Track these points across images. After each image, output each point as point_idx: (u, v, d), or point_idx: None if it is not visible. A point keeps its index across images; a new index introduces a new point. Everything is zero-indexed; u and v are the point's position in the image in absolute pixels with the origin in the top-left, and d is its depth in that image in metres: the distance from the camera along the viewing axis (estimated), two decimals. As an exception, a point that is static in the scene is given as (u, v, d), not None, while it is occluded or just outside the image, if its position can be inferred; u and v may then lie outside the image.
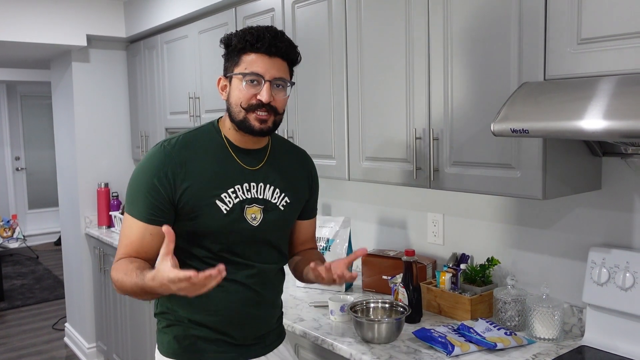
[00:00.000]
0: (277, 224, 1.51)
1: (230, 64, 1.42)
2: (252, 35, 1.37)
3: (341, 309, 1.87)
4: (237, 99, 1.40)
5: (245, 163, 1.47)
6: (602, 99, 1.21)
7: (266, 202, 1.47)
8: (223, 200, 1.42)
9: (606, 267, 1.61)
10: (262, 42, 1.37)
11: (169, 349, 1.50)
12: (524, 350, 1.61)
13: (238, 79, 1.39)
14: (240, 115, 1.40)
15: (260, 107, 1.38)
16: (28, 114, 7.85)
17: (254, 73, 1.37)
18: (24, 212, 7.83)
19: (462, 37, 1.62)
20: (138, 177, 1.42)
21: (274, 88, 1.39)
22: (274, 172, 1.51)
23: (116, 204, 3.75)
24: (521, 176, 1.50)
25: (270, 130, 1.43)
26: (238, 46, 1.39)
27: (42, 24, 3.35)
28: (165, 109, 3.36)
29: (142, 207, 1.39)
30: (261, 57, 1.38)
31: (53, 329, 4.54)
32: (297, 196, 1.55)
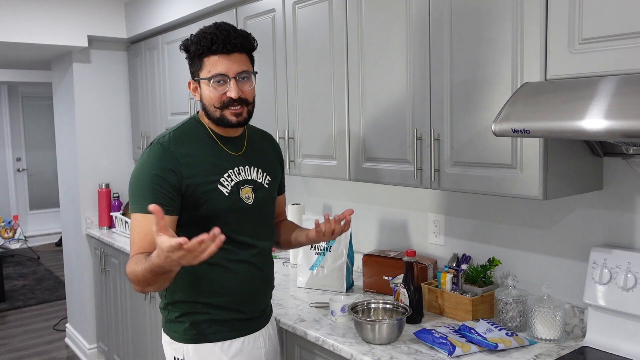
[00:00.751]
0: (266, 200, 1.68)
1: (195, 69, 1.55)
2: (206, 40, 1.48)
3: (342, 309, 1.87)
4: (209, 99, 1.53)
5: (231, 150, 1.63)
6: (603, 98, 1.21)
7: (254, 182, 1.64)
8: (223, 185, 1.57)
9: (608, 268, 1.60)
10: (217, 43, 1.48)
11: (186, 335, 1.60)
12: (525, 351, 1.61)
13: (205, 82, 1.52)
14: (216, 113, 1.54)
15: (232, 102, 1.52)
16: (29, 115, 7.86)
17: (218, 74, 1.50)
18: (25, 213, 7.83)
19: (462, 37, 1.62)
20: (141, 174, 1.50)
21: (239, 81, 1.52)
22: (254, 155, 1.68)
23: (117, 205, 3.75)
24: (522, 176, 1.50)
25: (246, 120, 1.58)
26: (197, 52, 1.51)
27: (43, 25, 3.35)
28: (166, 109, 3.36)
29: (149, 200, 1.43)
30: (220, 57, 1.50)
31: (54, 330, 4.54)
32: (274, 174, 1.73)
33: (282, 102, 2.36)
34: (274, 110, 2.40)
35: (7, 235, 6.85)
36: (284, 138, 2.34)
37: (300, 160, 2.29)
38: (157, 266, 1.30)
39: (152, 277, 1.35)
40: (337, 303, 1.89)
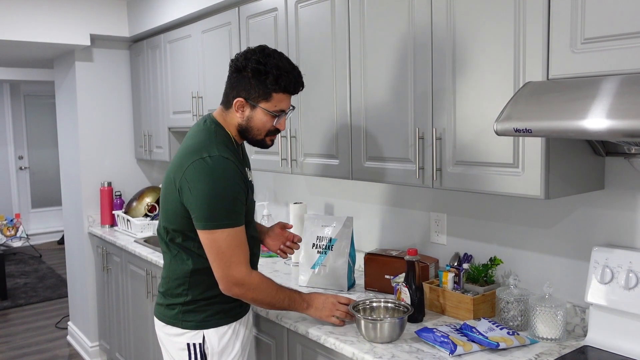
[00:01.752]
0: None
1: (257, 95, 1.67)
2: (288, 81, 1.66)
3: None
4: (261, 126, 1.72)
5: (242, 154, 1.85)
6: (606, 98, 1.21)
7: (251, 181, 1.84)
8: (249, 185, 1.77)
9: (609, 267, 1.61)
10: (295, 86, 1.69)
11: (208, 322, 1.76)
12: (526, 350, 1.61)
13: (264, 112, 1.69)
14: (259, 137, 1.75)
15: (277, 132, 1.76)
16: (31, 113, 7.87)
17: (282, 111, 1.71)
18: (27, 211, 7.85)
19: (463, 38, 1.62)
20: (223, 188, 1.60)
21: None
22: (245, 158, 1.88)
23: (119, 203, 3.76)
24: (524, 176, 1.50)
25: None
26: (272, 87, 1.65)
27: (46, 24, 3.36)
28: (168, 108, 3.36)
29: (239, 213, 1.65)
30: (288, 96, 1.71)
31: (56, 328, 4.55)
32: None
33: (284, 101, 2.36)
34: (276, 109, 2.41)
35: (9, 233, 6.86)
36: (286, 137, 2.35)
37: (302, 159, 2.30)
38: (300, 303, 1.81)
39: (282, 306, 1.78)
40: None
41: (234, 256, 1.63)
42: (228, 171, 1.62)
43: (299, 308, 1.80)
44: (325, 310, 1.80)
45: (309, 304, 1.81)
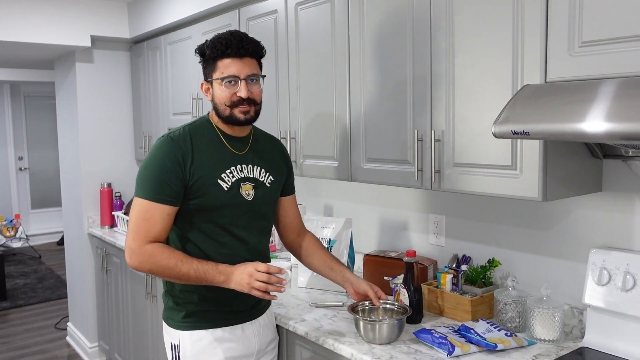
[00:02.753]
0: (266, 198, 1.78)
1: (209, 70, 1.68)
2: (221, 44, 1.63)
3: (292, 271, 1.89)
4: (221, 99, 1.66)
5: (235, 149, 1.74)
6: (604, 101, 1.22)
7: (256, 180, 1.75)
8: (223, 180, 1.68)
9: (607, 269, 1.61)
10: (231, 48, 1.63)
11: (183, 323, 1.73)
12: (524, 352, 1.62)
13: (218, 82, 1.66)
14: (226, 112, 1.67)
15: (241, 102, 1.65)
16: (31, 114, 7.88)
17: (231, 75, 1.64)
18: (27, 211, 7.85)
19: (462, 40, 1.63)
20: (151, 163, 1.64)
21: (249, 83, 1.66)
22: (257, 155, 1.79)
23: (119, 204, 3.76)
24: (522, 178, 1.51)
25: (252, 119, 1.70)
26: (212, 55, 1.65)
27: (47, 25, 3.37)
28: (168, 109, 3.37)
29: (159, 190, 1.61)
30: (233, 60, 1.64)
31: (55, 329, 4.55)
32: (278, 175, 1.83)
33: (284, 103, 2.37)
34: (275, 111, 2.42)
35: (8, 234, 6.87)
36: (285, 139, 2.35)
37: (301, 161, 2.30)
38: (215, 276, 1.61)
39: (191, 279, 1.61)
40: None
41: (137, 227, 1.60)
42: (162, 148, 1.64)
43: (214, 281, 1.60)
44: (243, 282, 1.57)
45: (227, 277, 1.59)
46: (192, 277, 1.60)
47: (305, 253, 1.93)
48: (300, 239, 1.95)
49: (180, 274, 1.60)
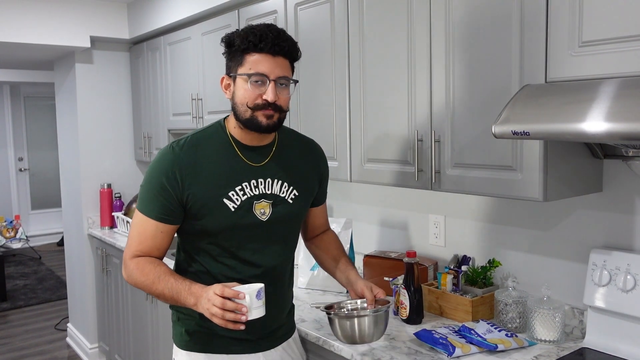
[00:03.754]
0: (287, 217, 1.55)
1: (234, 64, 1.45)
2: (255, 36, 1.40)
3: (258, 295, 1.37)
4: (242, 98, 1.43)
5: (251, 160, 1.51)
6: (604, 101, 1.21)
7: (275, 197, 1.53)
8: (231, 199, 1.47)
9: (607, 269, 1.61)
10: (266, 42, 1.39)
11: (182, 340, 1.59)
12: (524, 352, 1.62)
13: (243, 79, 1.42)
14: (246, 114, 1.44)
15: (266, 106, 1.42)
16: (31, 115, 7.88)
17: (259, 73, 1.41)
18: (27, 212, 7.85)
19: (463, 40, 1.63)
20: (149, 177, 1.48)
21: (278, 87, 1.43)
22: (280, 166, 1.54)
23: (119, 205, 3.76)
24: (522, 178, 1.51)
25: (276, 126, 1.47)
26: (241, 46, 1.41)
27: (46, 26, 3.37)
28: (168, 110, 3.37)
29: (153, 206, 1.46)
30: (265, 57, 1.41)
31: (55, 329, 4.55)
32: (305, 188, 1.59)
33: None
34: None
35: (8, 234, 6.86)
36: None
37: (301, 161, 2.30)
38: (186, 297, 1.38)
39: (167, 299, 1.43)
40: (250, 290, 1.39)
41: (130, 239, 1.50)
42: (161, 161, 1.47)
43: (186, 303, 1.40)
44: (204, 308, 1.34)
45: (196, 300, 1.37)
46: (168, 296, 1.41)
47: (318, 252, 1.76)
48: (318, 237, 1.77)
49: (157, 293, 1.43)
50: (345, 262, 1.70)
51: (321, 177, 1.67)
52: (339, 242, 1.78)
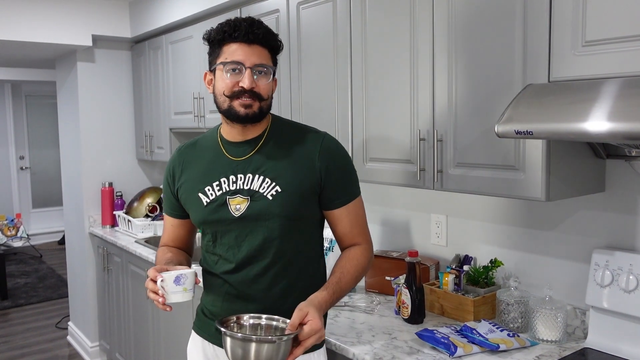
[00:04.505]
0: (263, 214, 1.46)
1: (213, 57, 1.48)
2: (229, 26, 1.43)
3: (176, 280, 1.38)
4: (220, 88, 1.44)
5: (234, 155, 1.51)
6: (607, 101, 1.21)
7: (253, 193, 1.47)
8: (205, 193, 1.51)
9: (609, 270, 1.61)
10: (239, 30, 1.41)
11: (194, 323, 1.67)
12: (526, 352, 1.62)
13: (220, 69, 1.44)
14: (225, 104, 1.44)
15: (242, 93, 1.42)
16: (32, 114, 7.88)
17: (234, 61, 1.41)
18: (28, 211, 7.85)
19: (466, 39, 1.62)
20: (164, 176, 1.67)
21: (256, 74, 1.43)
22: (265, 161, 1.49)
23: (120, 204, 3.76)
24: (525, 178, 1.51)
25: (255, 115, 1.45)
26: (217, 38, 1.44)
27: (48, 24, 3.37)
28: (169, 109, 3.37)
29: (164, 202, 1.69)
30: (240, 45, 1.42)
31: (56, 328, 4.55)
32: (293, 184, 1.46)
33: (285, 103, 2.37)
34: (277, 111, 2.41)
35: (9, 233, 6.86)
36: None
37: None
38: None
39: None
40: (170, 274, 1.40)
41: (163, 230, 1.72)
42: (169, 161, 1.66)
43: None
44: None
45: None
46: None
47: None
48: (344, 250, 1.57)
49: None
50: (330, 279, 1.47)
51: (320, 171, 1.48)
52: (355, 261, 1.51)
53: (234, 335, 1.27)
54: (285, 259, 1.49)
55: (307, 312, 1.31)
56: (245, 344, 1.24)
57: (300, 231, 1.51)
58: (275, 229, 1.47)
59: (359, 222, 1.56)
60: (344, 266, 1.49)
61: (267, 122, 1.54)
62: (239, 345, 1.24)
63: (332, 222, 1.56)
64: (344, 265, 1.50)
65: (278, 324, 1.38)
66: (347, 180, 1.53)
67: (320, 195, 1.50)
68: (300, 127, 1.59)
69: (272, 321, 1.39)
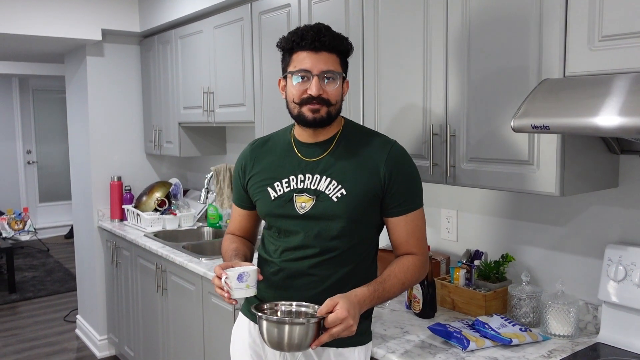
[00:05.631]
0: (327, 214, 1.51)
1: (285, 65, 1.56)
2: (296, 35, 1.50)
3: (239, 278, 1.47)
4: (291, 95, 1.54)
5: (305, 155, 1.59)
6: (625, 95, 1.21)
7: (319, 193, 1.53)
8: (274, 188, 1.59)
9: (623, 265, 1.61)
10: (306, 39, 1.49)
11: (243, 306, 1.73)
12: (539, 347, 1.62)
13: (290, 77, 1.53)
14: (295, 110, 1.54)
15: (311, 100, 1.49)
16: (40, 108, 7.90)
17: (302, 69, 1.49)
18: (35, 205, 7.89)
19: (480, 33, 1.62)
20: (234, 169, 1.76)
21: (323, 80, 1.50)
22: (334, 164, 1.55)
23: (129, 198, 3.78)
24: (539, 173, 1.51)
25: (323, 119, 1.52)
26: (286, 47, 1.54)
27: (58, 18, 3.38)
28: (178, 103, 3.37)
29: (234, 194, 1.77)
30: (308, 54, 1.49)
31: (64, 321, 4.58)
32: (358, 188, 1.51)
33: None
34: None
35: (17, 227, 6.90)
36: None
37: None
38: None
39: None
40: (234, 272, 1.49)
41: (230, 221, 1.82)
42: (239, 155, 1.75)
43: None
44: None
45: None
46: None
47: None
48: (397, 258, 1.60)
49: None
50: (376, 279, 1.51)
51: (384, 178, 1.51)
52: (405, 267, 1.54)
53: (270, 318, 1.38)
54: (341, 258, 1.54)
55: (337, 302, 1.35)
56: (279, 326, 1.35)
57: (359, 233, 1.56)
58: (336, 230, 1.53)
59: (416, 233, 1.58)
60: (392, 270, 1.53)
61: (339, 126, 1.61)
62: (274, 327, 1.35)
63: (389, 229, 1.60)
64: (393, 269, 1.53)
65: (308, 310, 1.46)
66: (409, 190, 1.56)
67: (382, 202, 1.54)
68: (372, 132, 1.64)
69: (302, 307, 1.48)
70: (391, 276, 1.51)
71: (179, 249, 2.93)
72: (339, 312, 1.33)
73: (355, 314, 1.36)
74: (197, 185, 4.00)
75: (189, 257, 2.75)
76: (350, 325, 1.33)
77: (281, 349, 1.38)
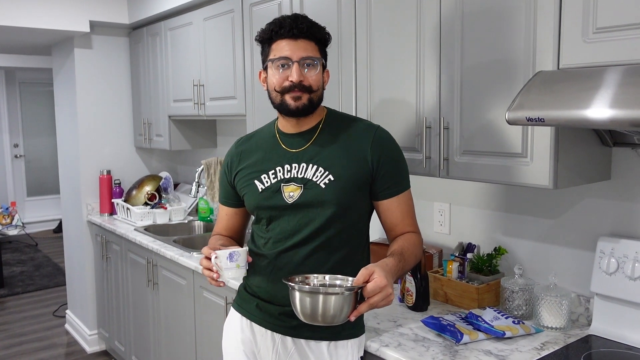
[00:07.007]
0: (316, 201, 1.51)
1: (264, 56, 1.56)
2: (275, 24, 1.51)
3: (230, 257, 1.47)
4: (272, 84, 1.53)
5: (290, 146, 1.59)
6: (619, 87, 1.21)
7: (306, 181, 1.53)
8: (261, 181, 1.58)
9: (615, 257, 1.61)
10: (284, 27, 1.49)
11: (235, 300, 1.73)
12: (531, 339, 1.62)
13: (270, 66, 1.52)
14: (277, 99, 1.53)
15: (292, 88, 1.49)
16: (27, 101, 7.80)
17: (282, 57, 1.49)
18: (23, 199, 7.80)
19: (474, 25, 1.61)
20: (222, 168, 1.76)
21: (303, 67, 1.50)
22: (320, 151, 1.55)
23: (118, 192, 3.74)
24: (532, 165, 1.50)
25: (305, 107, 1.52)
26: (265, 37, 1.53)
27: (45, 9, 3.32)
28: (168, 96, 3.34)
29: (220, 192, 1.76)
30: (287, 41, 1.49)
31: (54, 316, 4.54)
32: (345, 174, 1.51)
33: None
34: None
35: (4, 221, 6.83)
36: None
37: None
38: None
39: None
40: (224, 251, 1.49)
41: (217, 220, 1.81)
42: (226, 153, 1.74)
43: None
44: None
45: None
46: None
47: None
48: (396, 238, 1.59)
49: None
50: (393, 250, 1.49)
51: (372, 162, 1.52)
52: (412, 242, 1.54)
53: (303, 288, 1.30)
54: (332, 246, 1.53)
55: (373, 271, 1.30)
56: (313, 296, 1.27)
57: (349, 220, 1.55)
58: (325, 216, 1.51)
59: (410, 212, 1.61)
60: (402, 245, 1.51)
61: (322, 115, 1.61)
62: (307, 298, 1.27)
63: (382, 213, 1.59)
64: (403, 244, 1.51)
65: (342, 282, 1.39)
66: (398, 172, 1.57)
67: (371, 186, 1.55)
68: (354, 118, 1.66)
69: (336, 280, 1.41)
70: (405, 250, 1.49)
71: (169, 243, 2.91)
72: (378, 280, 1.27)
73: (391, 283, 1.31)
74: (188, 179, 3.97)
75: (180, 251, 2.73)
76: (390, 293, 1.29)
77: (315, 321, 1.29)
